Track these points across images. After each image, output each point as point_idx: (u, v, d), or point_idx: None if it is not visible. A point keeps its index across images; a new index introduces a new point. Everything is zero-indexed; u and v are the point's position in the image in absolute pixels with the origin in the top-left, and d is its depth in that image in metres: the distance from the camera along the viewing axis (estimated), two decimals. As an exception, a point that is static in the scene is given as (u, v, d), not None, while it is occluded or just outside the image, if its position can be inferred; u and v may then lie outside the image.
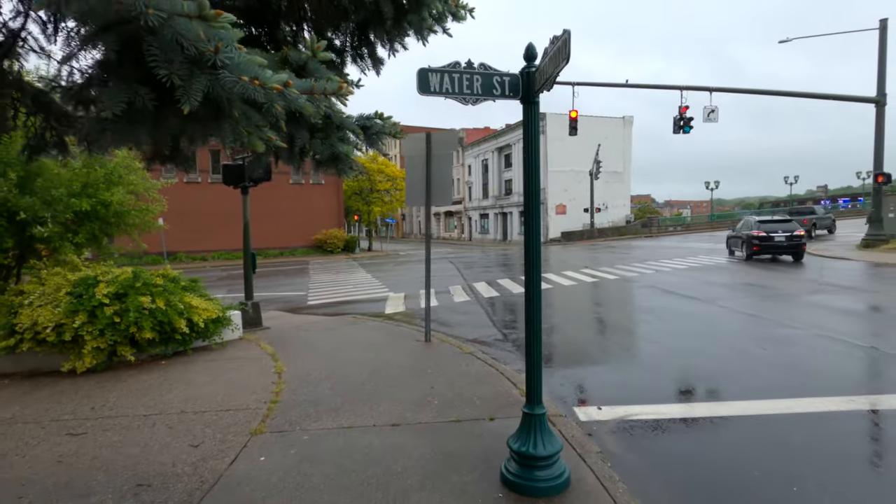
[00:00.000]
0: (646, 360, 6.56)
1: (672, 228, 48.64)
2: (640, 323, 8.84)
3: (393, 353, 6.58)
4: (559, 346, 7.45)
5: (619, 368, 6.23)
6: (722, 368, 5.96)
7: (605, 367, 6.35)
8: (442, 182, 7.17)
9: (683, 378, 5.74)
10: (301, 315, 10.97)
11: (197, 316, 7.05)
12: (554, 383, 5.46)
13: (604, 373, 6.08)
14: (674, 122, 20.44)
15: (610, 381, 5.76)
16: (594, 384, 5.64)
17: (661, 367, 6.21)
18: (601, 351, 7.13)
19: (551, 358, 6.71)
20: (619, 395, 5.13)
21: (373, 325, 8.79)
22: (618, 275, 15.82)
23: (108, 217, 8.56)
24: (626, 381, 5.70)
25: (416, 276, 18.34)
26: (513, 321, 9.34)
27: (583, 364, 6.51)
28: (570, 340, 7.78)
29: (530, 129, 3.07)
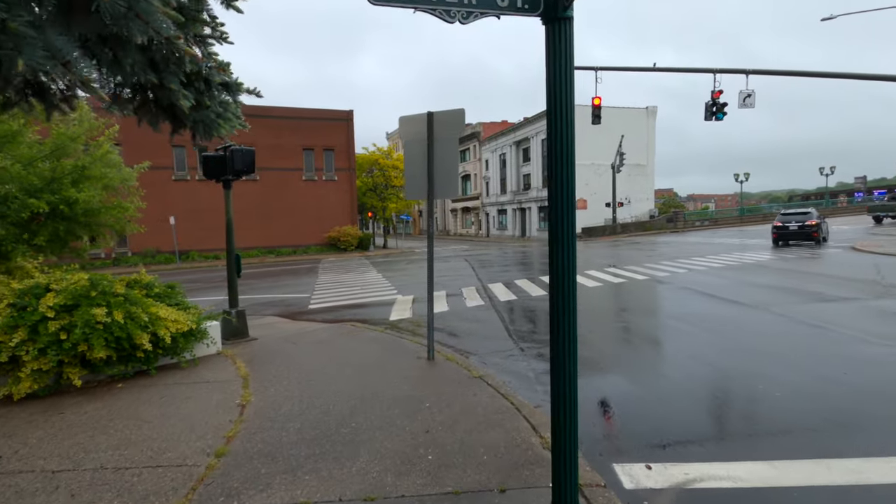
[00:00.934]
0: (695, 387, 5.33)
1: (699, 223, 46.58)
2: (680, 335, 7.57)
3: (387, 377, 5.48)
4: (586, 366, 6.25)
5: (663, 399, 5.02)
6: (798, 403, 4.70)
7: (644, 395, 5.14)
8: (446, 171, 6.04)
9: (751, 416, 4.50)
10: (298, 322, 9.98)
11: (164, 330, 6.07)
12: (583, 422, 4.29)
13: (644, 405, 4.88)
14: (705, 108, 18.87)
15: (654, 417, 4.56)
16: (634, 424, 4.44)
17: (718, 398, 4.98)
18: (637, 373, 5.92)
19: (579, 382, 5.52)
20: (669, 441, 3.94)
21: (371, 337, 7.71)
22: (647, 274, 14.47)
23: (77, 216, 7.66)
24: (676, 418, 4.49)
25: (427, 275, 17.24)
26: (532, 332, 8.16)
27: (615, 392, 5.31)
28: (597, 358, 6.57)
29: (561, 58, 1.92)
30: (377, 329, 8.33)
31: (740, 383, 5.31)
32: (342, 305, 11.97)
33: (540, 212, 48.11)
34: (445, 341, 7.60)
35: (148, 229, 31.73)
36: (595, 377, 5.74)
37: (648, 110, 47.57)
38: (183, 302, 7.47)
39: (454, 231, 67.03)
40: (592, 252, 24.99)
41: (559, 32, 1.94)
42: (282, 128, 34.69)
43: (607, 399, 5.07)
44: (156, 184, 31.59)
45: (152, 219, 31.47)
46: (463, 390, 4.91)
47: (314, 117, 35.92)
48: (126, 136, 31.54)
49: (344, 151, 36.90)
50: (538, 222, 48.43)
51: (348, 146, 37.03)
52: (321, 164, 36.27)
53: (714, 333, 7.42)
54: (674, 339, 7.30)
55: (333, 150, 36.52)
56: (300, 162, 35.64)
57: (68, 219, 7.49)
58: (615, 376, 5.79)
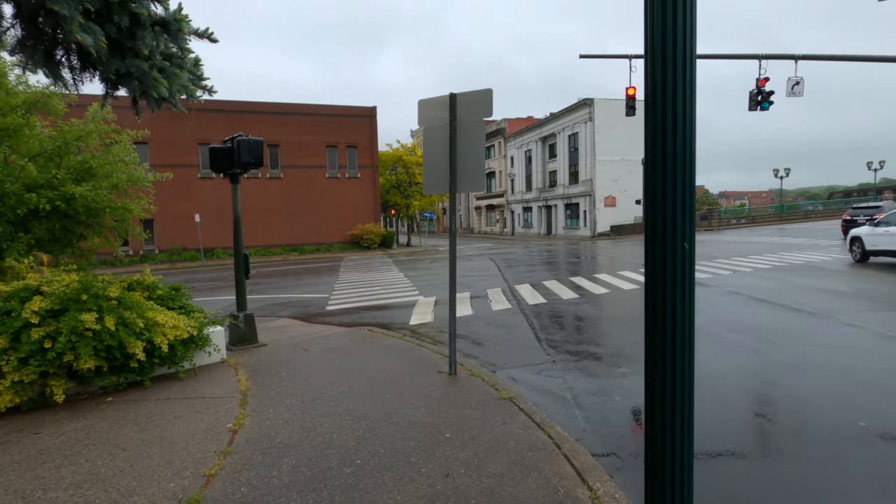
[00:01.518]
0: (778, 428, 4.45)
1: (734, 221, 44.55)
2: (745, 351, 6.63)
3: (402, 396, 4.78)
4: (632, 393, 5.43)
5: (743, 452, 4.17)
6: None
7: (725, 446, 4.30)
8: (471, 160, 5.30)
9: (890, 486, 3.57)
10: (312, 325, 9.40)
11: (160, 337, 5.53)
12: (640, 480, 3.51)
13: (729, 466, 4.05)
14: (750, 97, 17.58)
15: (754, 486, 3.72)
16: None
17: (834, 453, 4.04)
18: (710, 407, 5.07)
19: (619, 413, 4.72)
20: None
21: (388, 345, 7.04)
22: (686, 276, 13.40)
23: (78, 214, 7.21)
24: (783, 487, 3.65)
25: (451, 275, 16.54)
26: (564, 340, 7.35)
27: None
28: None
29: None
30: (396, 335, 7.66)
31: (835, 419, 4.40)
32: (361, 307, 11.36)
33: (566, 209, 46.86)
34: (469, 351, 6.87)
35: (174, 227, 32.07)
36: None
37: (681, 103, 45.64)
38: (187, 305, 6.96)
39: (478, 229, 66.17)
40: (623, 251, 23.86)
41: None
42: (305, 125, 34.49)
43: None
44: (182, 182, 31.76)
45: (178, 216, 31.72)
46: (490, 416, 4.17)
47: (337, 114, 35.60)
48: (153, 134, 31.84)
49: (367, 148, 36.49)
50: (564, 220, 47.19)
51: (371, 143, 36.60)
52: (344, 161, 35.94)
53: (784, 349, 6.46)
54: (742, 357, 6.38)
55: (357, 147, 36.15)
56: (323, 159, 35.38)
57: (67, 216, 7.05)
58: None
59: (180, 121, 31.42)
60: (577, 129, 44.44)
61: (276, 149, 34.16)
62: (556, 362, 6.22)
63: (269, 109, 33.60)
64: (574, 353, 6.64)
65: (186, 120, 31.52)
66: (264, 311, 11.60)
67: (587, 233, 43.15)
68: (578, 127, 44.27)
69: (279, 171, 34.35)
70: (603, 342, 7.09)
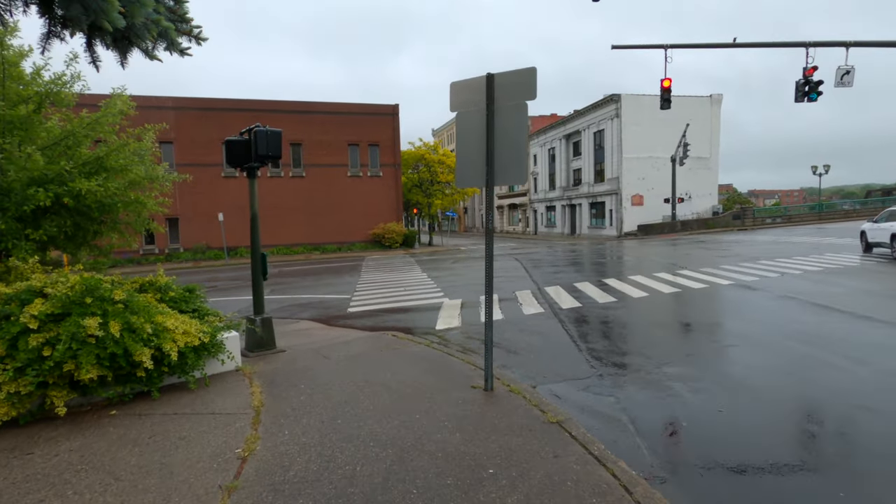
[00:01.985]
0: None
1: (769, 221, 42.73)
2: (823, 367, 5.87)
3: (433, 416, 4.21)
4: (700, 417, 4.74)
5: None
6: None
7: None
8: (511, 149, 4.68)
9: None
10: (334, 328, 8.92)
11: (170, 344, 5.08)
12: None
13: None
14: (796, 88, 16.47)
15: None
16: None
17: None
18: (793, 434, 4.35)
19: (694, 444, 4.05)
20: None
21: (414, 353, 6.48)
22: (730, 278, 12.52)
23: (90, 211, 6.84)
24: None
25: (475, 276, 15.93)
26: (609, 350, 6.68)
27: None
28: (734, 411, 5.01)
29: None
30: (422, 342, 7.10)
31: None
32: (384, 309, 10.85)
33: (591, 208, 45.71)
34: (503, 360, 6.26)
35: (199, 225, 32.23)
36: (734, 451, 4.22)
37: (712, 98, 44.09)
38: (201, 307, 6.53)
39: (500, 228, 65.34)
40: (654, 251, 22.86)
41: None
42: (327, 123, 34.29)
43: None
44: (206, 181, 31.92)
45: (202, 215, 31.86)
46: (538, 446, 3.56)
47: (359, 112, 35.31)
48: (177, 133, 32.10)
49: (389, 147, 36.10)
50: (589, 219, 46.05)
51: (394, 141, 36.20)
52: (366, 159, 35.62)
53: (863, 364, 5.66)
54: (809, 373, 5.62)
55: (378, 145, 35.80)
56: (345, 158, 35.12)
57: (78, 213, 6.68)
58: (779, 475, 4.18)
59: (204, 120, 31.54)
60: (604, 125, 43.27)
61: (299, 147, 34.05)
62: (603, 376, 5.55)
63: (292, 108, 33.47)
64: (621, 365, 5.96)
65: (210, 119, 31.66)
66: (284, 312, 11.20)
67: (613, 232, 41.98)
68: (604, 124, 43.11)
69: (301, 170, 34.23)
70: (652, 353, 6.39)
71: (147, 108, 31.81)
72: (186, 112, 31.44)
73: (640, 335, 7.52)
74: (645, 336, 7.44)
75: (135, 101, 8.11)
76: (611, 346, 6.91)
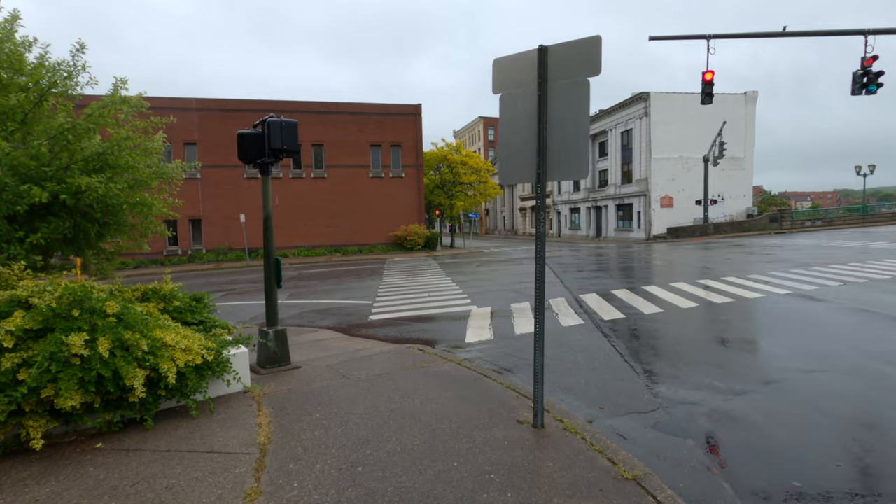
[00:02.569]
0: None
1: (809, 224, 40.71)
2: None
3: (474, 463, 3.41)
4: (812, 470, 3.82)
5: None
6: None
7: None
8: (569, 137, 3.87)
9: None
10: (354, 339, 8.21)
11: (168, 363, 4.41)
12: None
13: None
14: (853, 79, 15.18)
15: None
16: None
17: None
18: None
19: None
20: None
21: (444, 373, 5.70)
22: (786, 287, 11.41)
23: (93, 212, 6.27)
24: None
25: (503, 281, 15.08)
26: (670, 372, 5.78)
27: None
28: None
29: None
30: (453, 360, 6.31)
31: None
32: (407, 317, 10.11)
33: (618, 210, 44.30)
34: (547, 384, 5.42)
35: (221, 227, 32.12)
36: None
37: (747, 96, 42.29)
38: (209, 319, 5.87)
39: (523, 230, 64.18)
40: (689, 255, 21.62)
41: None
42: (349, 124, 33.87)
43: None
44: (228, 182, 31.82)
45: (225, 217, 31.74)
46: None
47: (382, 112, 34.79)
48: (201, 135, 32.04)
49: (412, 147, 35.49)
50: (616, 221, 44.64)
51: (416, 142, 35.57)
52: (388, 160, 35.07)
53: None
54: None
55: (401, 146, 35.22)
56: (367, 158, 34.63)
57: (78, 213, 6.12)
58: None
59: (228, 122, 31.40)
60: (631, 125, 41.90)
61: (321, 148, 33.71)
62: (672, 409, 4.67)
63: (314, 108, 33.14)
64: (690, 393, 5.07)
65: (234, 120, 31.49)
66: (302, 318, 10.57)
67: (641, 235, 40.55)
68: (632, 123, 41.73)
69: (324, 171, 33.88)
70: (723, 378, 5.48)
71: (171, 110, 31.92)
72: (210, 113, 31.39)
73: (701, 354, 6.59)
74: (708, 356, 6.50)
75: (158, 102, 7.58)
76: (670, 367, 6.00)
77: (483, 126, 75.93)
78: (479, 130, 76.87)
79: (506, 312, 9.96)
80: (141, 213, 6.79)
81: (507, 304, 10.79)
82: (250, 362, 6.31)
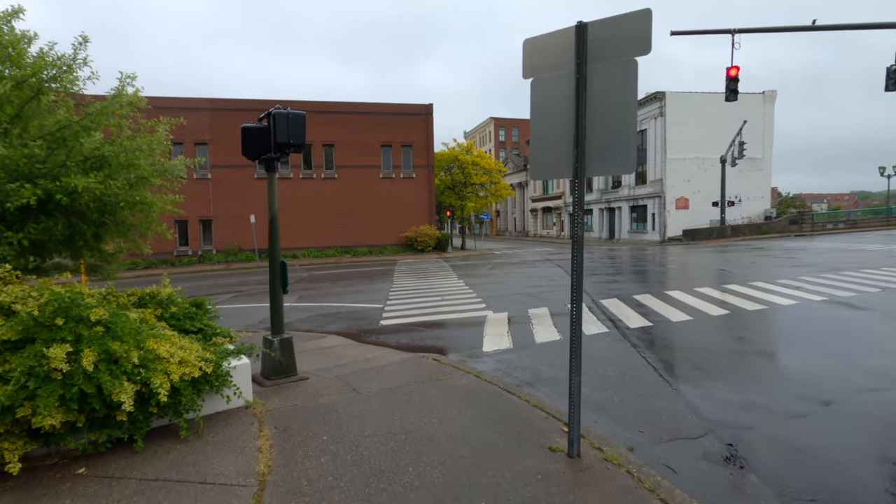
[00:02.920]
0: None
1: (831, 226, 39.63)
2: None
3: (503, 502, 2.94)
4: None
5: None
6: None
7: None
8: (614, 126, 3.38)
9: None
10: (364, 346, 7.76)
11: (161, 377, 4.00)
12: None
13: None
14: (887, 74, 14.43)
15: None
16: None
17: None
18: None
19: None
20: None
21: (463, 388, 5.22)
22: (820, 293, 10.77)
23: (88, 211, 5.89)
24: None
25: (518, 284, 14.57)
26: (711, 389, 5.25)
27: None
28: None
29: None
30: (470, 372, 5.83)
31: None
32: (420, 322, 9.65)
33: (632, 212, 43.51)
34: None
35: (231, 227, 31.93)
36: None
37: (765, 95, 41.34)
38: (209, 325, 5.46)
39: (534, 232, 63.51)
40: (708, 258, 20.92)
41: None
42: (360, 124, 33.54)
43: None
44: (239, 183, 31.62)
45: (235, 217, 31.54)
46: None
47: (392, 112, 34.41)
48: (213, 135, 31.89)
49: (423, 148, 35.07)
50: (630, 223, 43.85)
51: (427, 142, 35.15)
52: (399, 160, 34.68)
53: None
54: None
55: (412, 146, 34.82)
56: (378, 159, 34.27)
57: (73, 213, 5.74)
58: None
59: (239, 122, 31.17)
60: (646, 125, 41.12)
61: (331, 148, 33.43)
62: (720, 433, 4.16)
63: (325, 108, 32.83)
64: (738, 415, 4.54)
65: (245, 120, 31.31)
66: (311, 322, 10.16)
67: (655, 237, 39.75)
68: (647, 123, 40.96)
69: (334, 171, 33.58)
70: (773, 397, 4.94)
71: (182, 110, 31.80)
72: (221, 113, 31.20)
73: (742, 368, 6.04)
74: (750, 369, 5.95)
75: (169, 102, 7.18)
76: (711, 383, 5.47)
77: (494, 127, 75.38)
78: (490, 131, 76.34)
79: (523, 318, 9.46)
80: (141, 213, 6.40)
81: (524, 310, 10.29)
82: (254, 372, 5.90)
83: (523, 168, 63.60)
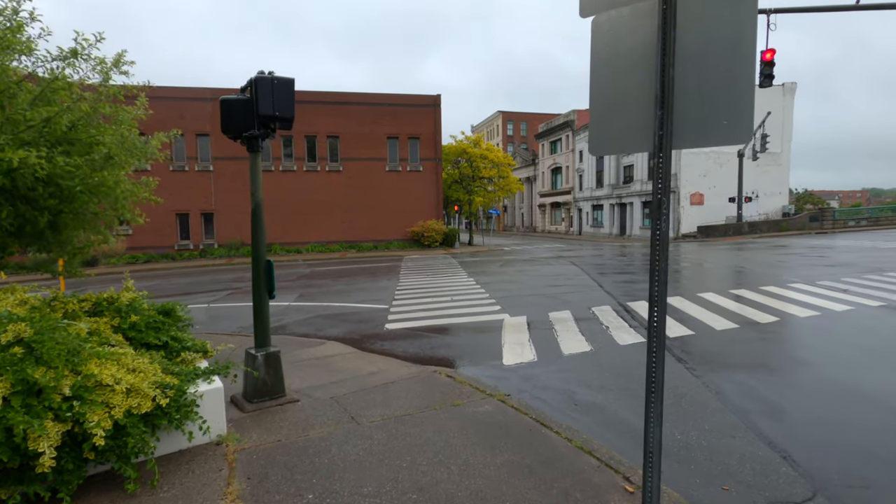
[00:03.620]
0: None
1: (853, 223, 38.28)
2: None
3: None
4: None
5: None
6: None
7: None
8: (718, 76, 2.37)
9: None
10: (367, 356, 6.80)
11: (98, 412, 3.08)
12: None
13: None
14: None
15: None
16: None
17: None
18: None
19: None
20: None
21: (487, 417, 4.25)
22: (873, 297, 9.70)
23: (38, 197, 4.94)
24: None
25: (532, 283, 13.57)
26: (801, 424, 4.25)
27: None
28: None
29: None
30: (493, 395, 4.85)
31: None
32: (429, 327, 8.68)
33: (644, 207, 42.26)
34: (616, 442, 3.94)
35: (234, 221, 31.06)
36: None
37: (785, 87, 39.94)
38: (179, 338, 4.52)
39: (542, 228, 62.33)
40: (731, 256, 19.78)
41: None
42: (365, 115, 32.51)
43: None
44: (241, 175, 30.70)
45: (237, 211, 30.65)
46: None
47: (399, 103, 33.34)
48: (214, 125, 30.96)
49: (430, 140, 34.00)
50: (641, 219, 42.61)
51: (435, 134, 34.08)
52: (406, 153, 33.64)
53: None
54: None
55: (419, 138, 33.76)
56: (384, 151, 33.25)
57: (20, 198, 4.79)
58: None
59: (240, 112, 30.31)
60: (661, 118, 39.76)
61: (336, 140, 32.45)
62: (827, 490, 3.16)
63: (330, 99, 31.83)
64: (848, 462, 3.54)
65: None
66: (309, 325, 9.21)
67: (669, 234, 38.53)
68: (662, 116, 39.59)
69: (339, 164, 32.61)
70: (879, 437, 3.94)
71: (185, 100, 30.95)
72: (222, 103, 30.23)
73: (826, 394, 5.02)
74: (838, 397, 4.93)
75: (172, 92, 6.10)
76: (792, 415, 4.46)
77: (502, 120, 74.13)
78: (498, 125, 75.09)
79: (544, 324, 8.46)
80: (106, 199, 5.43)
81: (543, 313, 9.30)
82: (235, 393, 4.95)
83: (532, 162, 62.40)
